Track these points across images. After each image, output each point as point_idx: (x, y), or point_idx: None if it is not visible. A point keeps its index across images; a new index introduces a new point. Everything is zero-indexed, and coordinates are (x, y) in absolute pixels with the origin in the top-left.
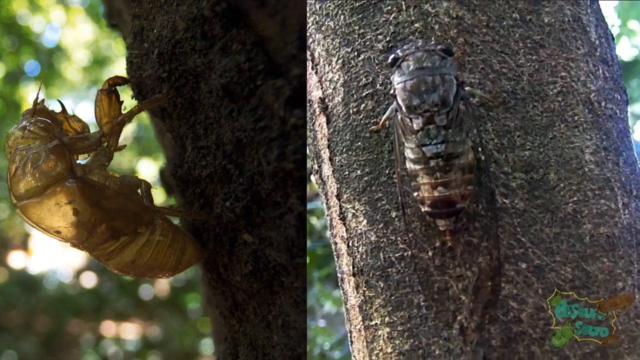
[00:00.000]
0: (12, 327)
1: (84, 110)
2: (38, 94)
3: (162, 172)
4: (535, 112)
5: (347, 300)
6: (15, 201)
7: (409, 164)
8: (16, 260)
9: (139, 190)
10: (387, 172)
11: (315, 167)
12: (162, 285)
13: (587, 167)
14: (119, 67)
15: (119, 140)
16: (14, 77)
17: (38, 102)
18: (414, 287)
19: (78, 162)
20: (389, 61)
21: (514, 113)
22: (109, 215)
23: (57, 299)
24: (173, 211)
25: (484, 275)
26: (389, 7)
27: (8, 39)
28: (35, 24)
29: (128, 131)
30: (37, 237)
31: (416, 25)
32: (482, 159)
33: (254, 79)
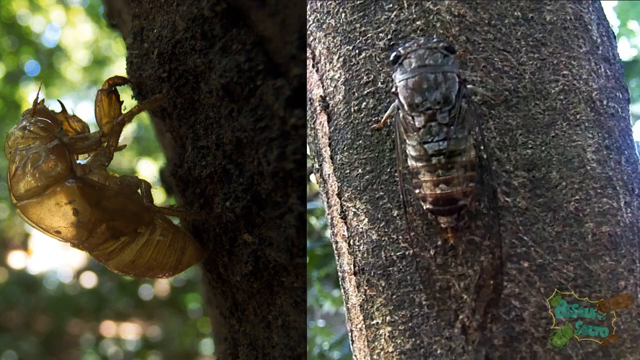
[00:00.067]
0: (12, 327)
1: (84, 110)
2: (38, 94)
3: (162, 172)
4: (537, 110)
5: (348, 299)
6: (15, 201)
7: (411, 162)
8: (16, 260)
9: (139, 191)
10: (388, 170)
11: (316, 165)
12: (162, 285)
13: (589, 166)
14: (119, 67)
15: (119, 140)
16: (14, 77)
17: (38, 102)
18: (415, 286)
19: (78, 162)
20: (391, 59)
21: (516, 111)
22: (109, 215)
23: (57, 299)
24: (173, 211)
25: (486, 273)
26: (391, 5)
27: (8, 39)
28: (35, 24)
29: (128, 131)
30: (37, 237)
31: (418, 23)
32: (484, 157)
33: (254, 79)
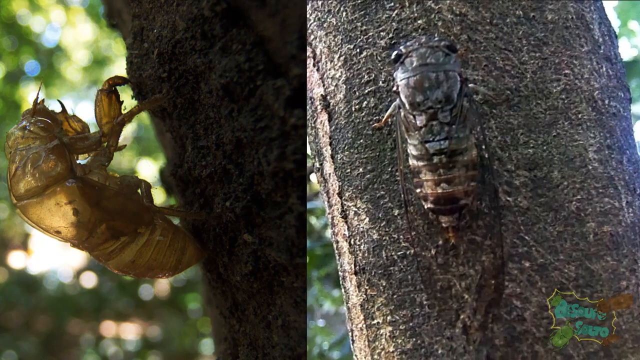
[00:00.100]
0: (12, 327)
1: (84, 110)
2: (38, 94)
3: (162, 172)
4: (539, 109)
5: (349, 299)
6: (15, 201)
7: (412, 161)
8: (16, 260)
9: (139, 191)
10: (389, 169)
11: (317, 165)
12: (162, 285)
13: (591, 165)
14: (119, 67)
15: (119, 140)
16: (14, 77)
17: (38, 102)
18: (416, 286)
19: (78, 162)
20: (392, 57)
21: (518, 110)
22: (109, 215)
23: (57, 299)
24: (173, 211)
25: (487, 273)
26: (392, 4)
27: (8, 39)
28: (35, 24)
29: (128, 131)
30: (37, 237)
31: (419, 22)
32: (486, 156)
33: (254, 79)
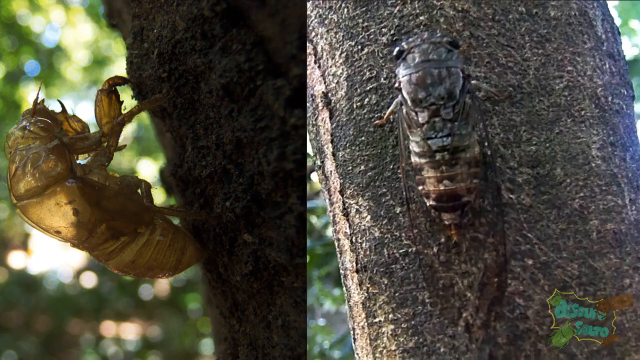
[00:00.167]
0: (12, 327)
1: (84, 110)
2: (38, 94)
3: (162, 172)
4: (542, 106)
5: (350, 297)
6: (15, 201)
7: (414, 158)
8: (16, 260)
9: (139, 191)
10: (391, 167)
11: (318, 162)
12: (162, 285)
13: (594, 163)
14: (119, 67)
15: (119, 140)
16: (14, 77)
17: (38, 102)
18: (418, 284)
19: (78, 162)
20: (394, 54)
21: (520, 107)
22: (109, 215)
23: (57, 299)
24: (173, 211)
25: (490, 271)
26: (394, 0)
27: (8, 39)
28: (35, 24)
29: (128, 131)
30: (37, 237)
31: (421, 18)
32: (488, 153)
33: (254, 79)
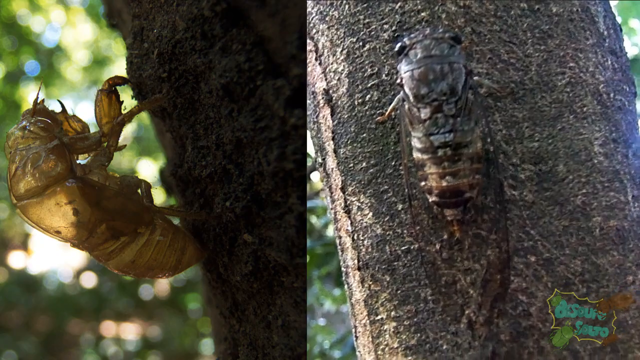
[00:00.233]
0: (12, 327)
1: (84, 110)
2: (38, 94)
3: (162, 172)
4: (544, 102)
5: (352, 295)
6: (15, 201)
7: (416, 154)
8: (16, 260)
9: (139, 191)
10: (393, 163)
11: (320, 160)
12: (162, 285)
13: (597, 159)
14: (119, 67)
15: (119, 140)
16: (14, 77)
17: (38, 102)
18: (420, 281)
19: (78, 162)
20: (396, 49)
21: (522, 104)
22: (109, 215)
23: (57, 299)
24: (173, 211)
25: (492, 268)
26: None
27: (8, 39)
28: (35, 24)
29: (128, 131)
30: (37, 237)
31: (423, 14)
32: (491, 150)
33: (254, 79)
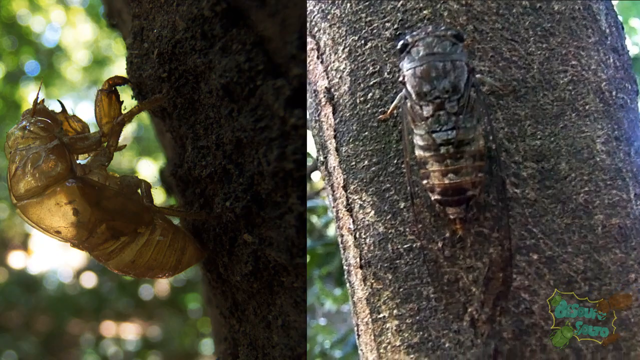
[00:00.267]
0: (12, 327)
1: (84, 110)
2: (38, 94)
3: (162, 172)
4: (546, 100)
5: (354, 293)
6: (15, 201)
7: (419, 152)
8: (16, 260)
9: (139, 191)
10: (395, 162)
11: (321, 158)
12: (162, 285)
13: (599, 157)
14: (119, 67)
15: (119, 140)
16: (14, 77)
17: (38, 102)
18: (423, 279)
19: (78, 162)
20: (398, 47)
21: (525, 102)
22: (109, 216)
23: (57, 299)
24: (173, 211)
25: (495, 266)
26: None
27: (8, 39)
28: (35, 24)
29: (128, 131)
30: (37, 237)
31: (425, 12)
32: (493, 147)
33: (254, 79)
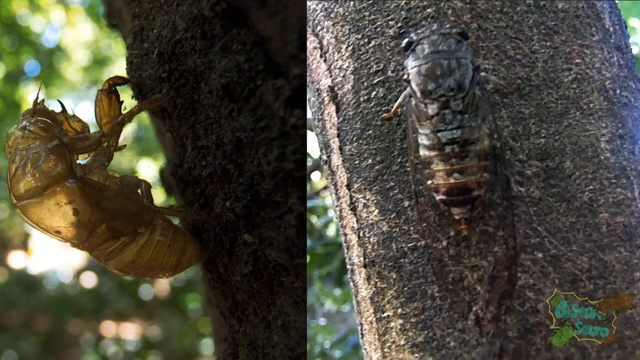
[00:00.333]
0: (12, 327)
1: (84, 110)
2: (38, 94)
3: (162, 172)
4: (550, 99)
5: (358, 292)
6: (15, 201)
7: (423, 151)
8: (16, 260)
9: (139, 191)
10: (399, 160)
11: (324, 157)
12: (162, 285)
13: (603, 155)
14: (119, 67)
15: (119, 140)
16: (14, 77)
17: (38, 102)
18: (427, 278)
19: (78, 162)
20: (403, 45)
21: (529, 100)
22: (109, 215)
23: (57, 299)
24: (173, 211)
25: (500, 264)
26: None
27: (8, 39)
28: (35, 24)
29: (128, 131)
30: (37, 237)
31: (429, 10)
32: (498, 146)
33: (254, 79)
